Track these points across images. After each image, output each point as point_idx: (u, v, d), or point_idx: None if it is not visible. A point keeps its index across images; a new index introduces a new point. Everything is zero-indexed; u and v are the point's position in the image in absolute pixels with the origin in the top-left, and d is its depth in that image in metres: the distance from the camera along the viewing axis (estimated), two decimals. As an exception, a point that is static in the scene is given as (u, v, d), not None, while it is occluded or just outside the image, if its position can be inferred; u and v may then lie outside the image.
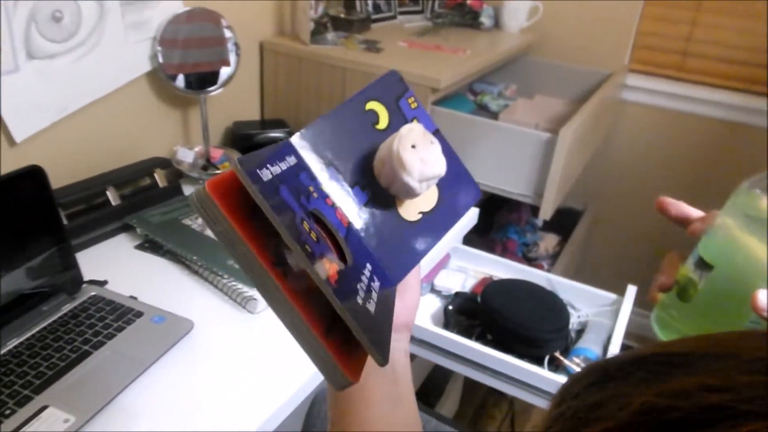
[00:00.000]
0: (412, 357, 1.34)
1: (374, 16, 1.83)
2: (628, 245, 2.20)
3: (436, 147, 0.48)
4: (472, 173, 0.56)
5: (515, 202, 1.65)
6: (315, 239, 0.38)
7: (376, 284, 0.43)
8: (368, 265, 0.44)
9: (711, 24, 1.86)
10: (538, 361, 1.13)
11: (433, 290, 1.33)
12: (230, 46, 1.35)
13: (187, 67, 1.29)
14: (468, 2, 1.97)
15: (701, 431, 0.23)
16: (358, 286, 0.40)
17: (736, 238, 0.45)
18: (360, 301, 0.39)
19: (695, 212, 0.52)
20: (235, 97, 1.50)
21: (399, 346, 0.52)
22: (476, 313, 1.22)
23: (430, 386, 1.59)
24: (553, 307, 1.19)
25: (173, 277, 1.02)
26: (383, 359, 0.38)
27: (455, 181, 0.54)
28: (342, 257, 0.42)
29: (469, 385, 1.70)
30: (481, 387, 1.70)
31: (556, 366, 1.14)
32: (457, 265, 1.39)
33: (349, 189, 0.46)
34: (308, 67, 1.51)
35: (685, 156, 2.01)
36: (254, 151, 0.39)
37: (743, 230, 0.44)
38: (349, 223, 0.45)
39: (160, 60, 1.23)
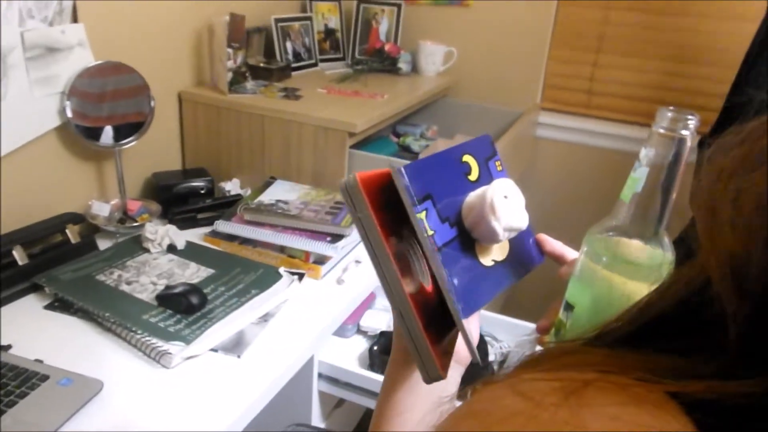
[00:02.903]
0: (341, 402, 1.34)
1: (295, 65, 1.87)
2: (551, 276, 2.27)
3: (523, 203, 0.54)
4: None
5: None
6: (434, 244, 0.47)
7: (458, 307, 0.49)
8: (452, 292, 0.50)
9: (610, 65, 2.01)
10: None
11: (359, 331, 1.34)
12: (145, 97, 1.35)
13: (100, 120, 1.28)
14: (386, 48, 2.05)
15: None
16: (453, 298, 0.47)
17: (590, 279, 0.49)
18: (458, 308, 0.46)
19: (570, 253, 0.57)
20: (154, 148, 1.49)
21: (452, 375, 0.53)
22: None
23: (365, 430, 1.57)
24: (474, 341, 1.21)
25: (84, 337, 0.99)
26: (480, 359, 0.48)
27: (524, 241, 0.59)
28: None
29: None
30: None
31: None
32: (382, 305, 1.41)
33: (441, 223, 0.51)
34: (227, 116, 1.53)
35: (599, 188, 2.13)
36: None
37: (594, 271, 0.49)
38: (440, 249, 0.50)
39: (70, 114, 1.22)
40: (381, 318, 1.34)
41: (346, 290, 1.20)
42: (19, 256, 1.09)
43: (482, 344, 1.22)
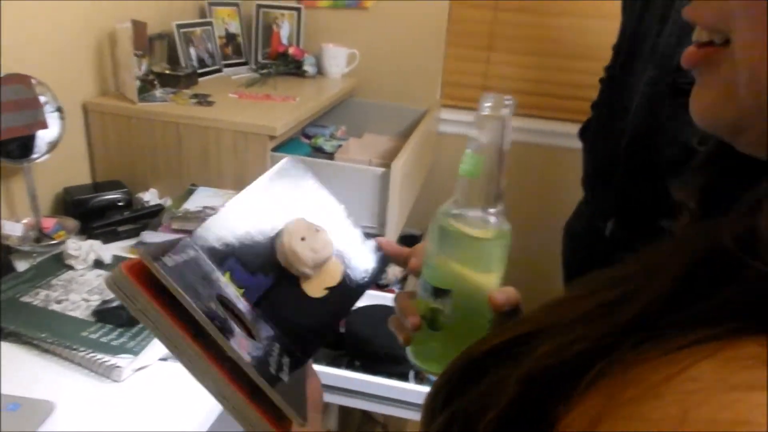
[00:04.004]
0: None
1: (200, 71, 1.85)
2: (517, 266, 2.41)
3: (322, 234, 0.54)
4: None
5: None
6: (223, 317, 0.41)
7: (286, 360, 0.47)
8: (276, 345, 0.47)
9: (501, 61, 2.17)
10: (405, 377, 1.22)
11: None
12: (49, 109, 1.29)
13: (2, 135, 1.21)
14: (290, 52, 2.07)
15: (579, 375, 0.28)
16: (269, 360, 0.43)
17: (454, 259, 0.50)
18: (273, 371, 0.42)
19: (405, 250, 0.58)
20: (62, 163, 1.42)
21: (319, 427, 0.51)
22: (340, 343, 1.28)
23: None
24: (410, 325, 1.29)
25: (22, 360, 0.94)
26: (301, 417, 0.41)
27: (358, 256, 0.59)
28: (251, 336, 0.45)
29: (343, 416, 1.74)
30: (354, 417, 1.76)
31: (420, 379, 1.23)
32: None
33: (251, 276, 0.49)
34: (139, 126, 1.49)
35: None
36: (157, 242, 0.41)
37: (453, 251, 0.50)
38: (254, 307, 0.48)
39: (-27, 131, 1.15)
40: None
41: (283, 289, 1.23)
42: (-70, 284, 1.01)
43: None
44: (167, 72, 1.70)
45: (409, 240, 2.24)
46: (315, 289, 0.54)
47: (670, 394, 0.24)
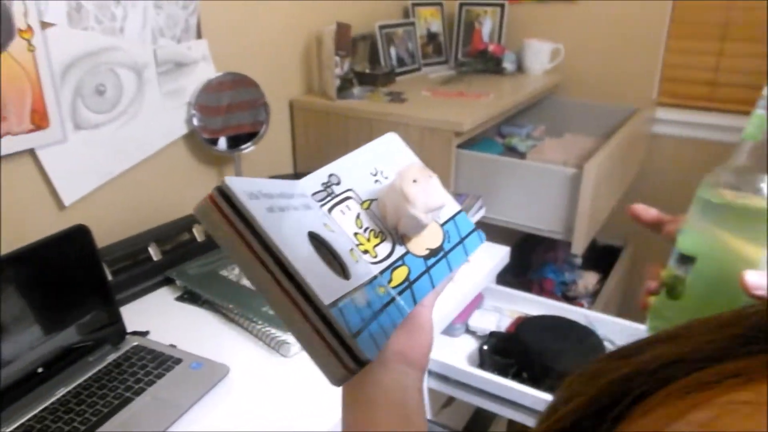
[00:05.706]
0: (450, 399, 1.33)
1: (398, 70, 1.91)
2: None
3: (435, 180, 0.51)
4: (500, 212, 0.59)
5: (551, 240, 1.64)
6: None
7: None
8: (368, 287, 0.46)
9: (737, 53, 1.86)
10: (577, 398, 1.10)
11: (468, 331, 1.33)
12: (262, 106, 1.43)
13: (223, 130, 1.37)
14: (490, 49, 2.03)
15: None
16: (346, 298, 0.42)
17: (711, 227, 0.47)
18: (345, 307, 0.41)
19: (666, 216, 0.55)
20: (268, 154, 1.57)
21: (409, 382, 0.50)
22: (511, 351, 1.21)
23: (474, 429, 1.56)
24: (587, 342, 1.17)
25: (211, 326, 1.06)
26: (343, 357, 0.39)
27: (458, 223, 0.57)
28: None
29: (513, 426, 1.65)
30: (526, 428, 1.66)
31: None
32: (491, 305, 1.39)
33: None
34: (336, 121, 1.58)
35: (724, 185, 1.97)
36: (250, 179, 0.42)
37: (715, 219, 0.47)
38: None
39: (196, 123, 1.32)
40: (490, 318, 1.32)
41: (455, 288, 1.20)
42: (154, 252, 1.19)
43: (599, 348, 1.17)
44: (366, 71, 1.78)
45: (608, 251, 2.04)
46: (418, 247, 0.52)
47: None
